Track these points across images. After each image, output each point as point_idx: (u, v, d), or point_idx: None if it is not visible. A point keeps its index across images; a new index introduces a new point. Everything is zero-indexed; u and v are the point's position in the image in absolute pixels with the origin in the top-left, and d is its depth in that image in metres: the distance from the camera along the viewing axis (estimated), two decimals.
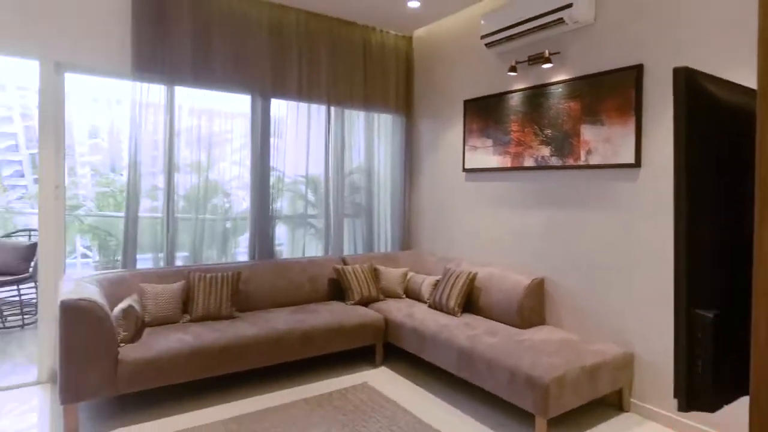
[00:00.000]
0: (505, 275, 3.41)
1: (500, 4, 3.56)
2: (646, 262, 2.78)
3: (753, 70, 2.30)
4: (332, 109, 4.22)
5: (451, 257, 4.12)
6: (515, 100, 3.51)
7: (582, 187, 3.11)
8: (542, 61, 3.21)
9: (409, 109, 4.62)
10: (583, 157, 3.05)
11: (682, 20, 2.60)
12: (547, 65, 3.22)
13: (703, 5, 2.51)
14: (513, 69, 3.39)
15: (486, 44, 3.55)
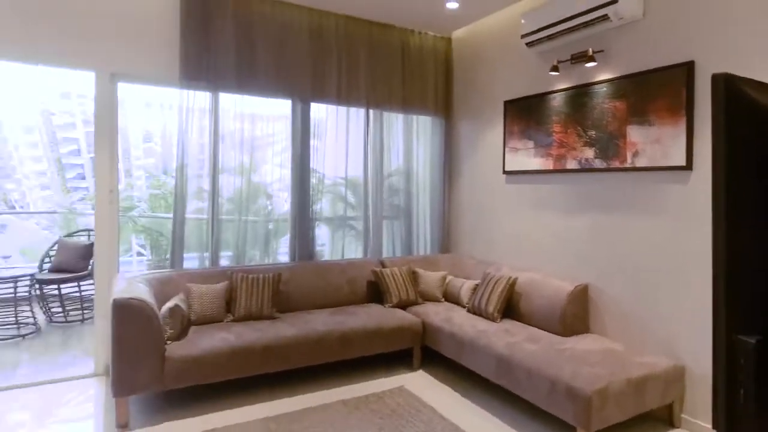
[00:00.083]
0: (546, 281, 3.31)
1: (541, 2, 3.46)
2: (697, 269, 2.63)
3: None
4: (371, 111, 4.25)
5: (491, 261, 4.05)
6: (557, 101, 3.40)
7: (628, 190, 2.98)
8: (585, 60, 3.10)
9: (449, 110, 4.58)
10: (629, 159, 2.92)
11: (736, 14, 2.44)
12: (591, 64, 3.10)
13: None
14: (555, 68, 3.30)
15: (527, 43, 3.47)
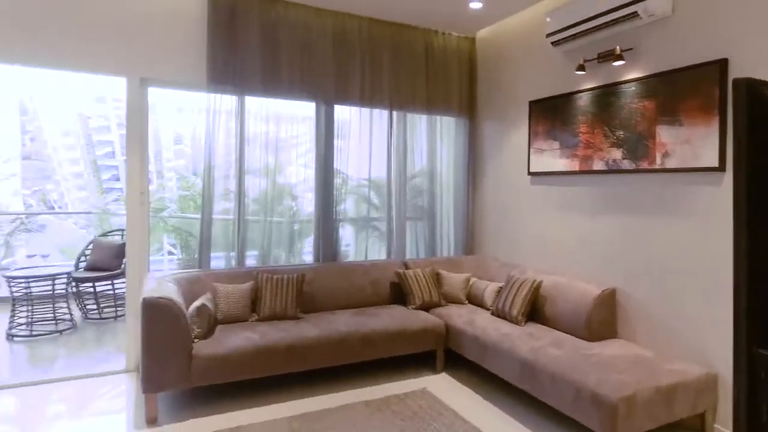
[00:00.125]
0: (572, 284, 3.25)
1: (566, 0, 3.40)
2: (729, 273, 2.52)
3: None
4: (394, 113, 4.25)
5: (515, 263, 4.00)
6: (584, 101, 3.33)
7: (658, 192, 2.89)
8: (613, 59, 3.02)
9: (473, 111, 4.54)
10: (658, 160, 2.84)
11: None
12: (619, 62, 3.02)
13: None
14: (581, 68, 3.23)
15: (552, 43, 3.41)
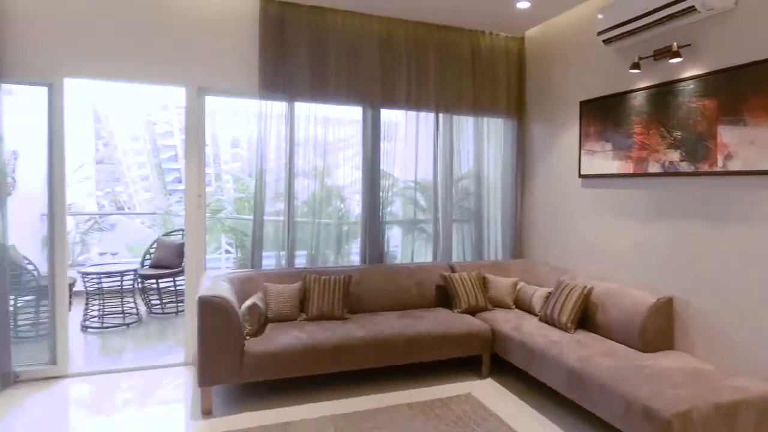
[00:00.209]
0: (625, 291, 3.12)
1: None
2: None
3: None
4: (440, 115, 4.24)
5: (565, 268, 3.88)
6: (638, 100, 3.19)
7: (719, 196, 2.73)
8: (670, 56, 2.86)
9: (521, 112, 4.45)
10: (720, 163, 2.67)
11: None
12: (676, 60, 2.86)
13: None
14: (635, 66, 3.09)
15: (604, 41, 3.29)
